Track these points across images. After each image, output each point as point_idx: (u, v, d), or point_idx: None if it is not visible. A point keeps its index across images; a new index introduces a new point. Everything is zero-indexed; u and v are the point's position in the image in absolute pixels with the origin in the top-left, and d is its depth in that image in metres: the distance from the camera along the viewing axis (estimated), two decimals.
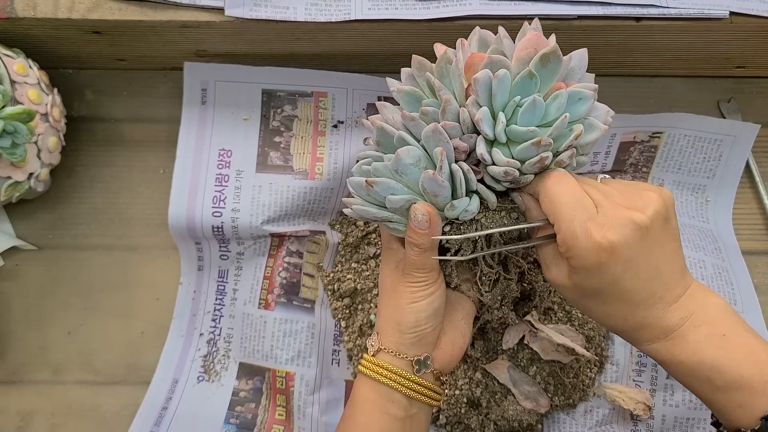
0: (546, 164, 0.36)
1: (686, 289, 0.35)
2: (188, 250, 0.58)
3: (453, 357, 0.40)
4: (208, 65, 0.58)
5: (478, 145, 0.36)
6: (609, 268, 0.34)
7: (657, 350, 0.35)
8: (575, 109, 0.36)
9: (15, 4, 0.51)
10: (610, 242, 0.33)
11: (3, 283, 0.59)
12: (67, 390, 0.57)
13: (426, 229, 0.37)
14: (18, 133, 0.50)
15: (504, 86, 0.36)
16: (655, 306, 0.35)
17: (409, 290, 0.39)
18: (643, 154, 0.61)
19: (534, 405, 0.52)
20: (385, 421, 0.38)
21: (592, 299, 0.36)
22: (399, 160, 0.37)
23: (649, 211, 0.34)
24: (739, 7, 0.53)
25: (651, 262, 0.34)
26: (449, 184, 0.36)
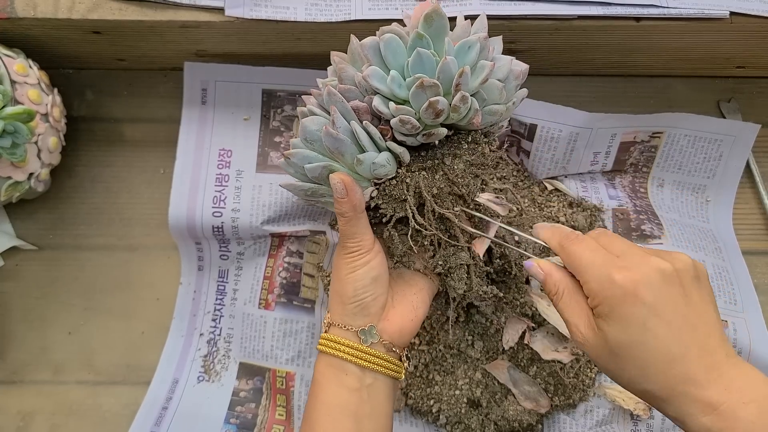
0: (439, 109, 0.36)
1: (728, 357, 0.33)
2: (188, 250, 0.58)
3: (403, 330, 0.41)
4: (208, 65, 0.58)
5: (375, 100, 0.37)
6: (634, 310, 0.33)
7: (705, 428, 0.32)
8: (466, 57, 0.37)
9: (15, 4, 0.51)
10: (632, 281, 0.33)
11: (3, 283, 0.59)
12: (67, 390, 0.57)
13: (344, 196, 0.38)
14: (18, 133, 0.50)
15: (391, 47, 0.37)
16: (692, 364, 0.32)
17: (345, 261, 0.40)
18: (643, 154, 0.61)
19: (534, 405, 0.52)
20: (342, 393, 0.39)
21: (624, 355, 0.34)
22: (305, 128, 0.39)
23: (677, 264, 0.34)
24: (739, 7, 0.53)
25: (683, 313, 0.33)
26: (349, 140, 0.37)
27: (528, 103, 0.57)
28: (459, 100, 0.36)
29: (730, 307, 0.57)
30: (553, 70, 0.62)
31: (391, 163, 0.39)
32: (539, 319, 0.54)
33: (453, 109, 0.37)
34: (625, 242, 0.37)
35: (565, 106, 0.57)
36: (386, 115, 0.37)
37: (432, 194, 0.39)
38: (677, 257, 0.35)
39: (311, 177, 0.40)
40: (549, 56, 0.59)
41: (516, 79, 0.40)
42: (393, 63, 0.38)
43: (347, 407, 0.39)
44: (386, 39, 0.37)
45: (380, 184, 0.40)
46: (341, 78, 0.39)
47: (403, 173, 0.39)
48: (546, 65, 0.61)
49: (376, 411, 0.40)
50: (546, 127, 0.57)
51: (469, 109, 0.38)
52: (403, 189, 0.39)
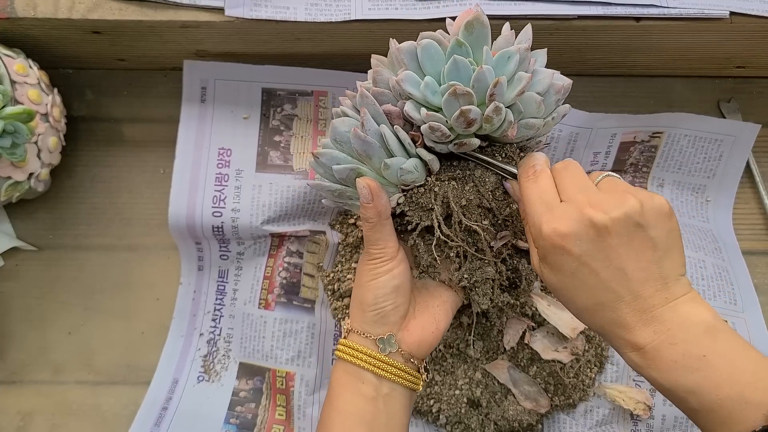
0: (471, 118, 0.36)
1: (667, 301, 0.33)
2: (188, 250, 0.58)
3: (422, 342, 0.40)
4: (208, 63, 0.58)
5: (407, 105, 0.37)
6: (563, 260, 0.34)
7: (633, 361, 0.34)
8: (504, 68, 0.37)
9: (15, 4, 0.51)
10: (558, 234, 0.34)
11: (3, 283, 0.59)
12: (67, 390, 0.57)
13: (369, 201, 0.38)
14: (18, 133, 0.50)
15: (429, 53, 0.37)
16: (621, 310, 0.34)
17: (368, 267, 0.40)
18: (644, 154, 0.61)
19: (534, 405, 0.52)
20: (358, 401, 0.39)
21: (561, 294, 0.36)
22: (335, 129, 0.38)
23: (615, 213, 0.33)
24: (739, 7, 0.53)
25: (613, 264, 0.33)
26: (378, 143, 0.37)
27: None
28: (492, 111, 0.36)
29: (730, 307, 0.57)
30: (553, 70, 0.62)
31: (419, 170, 0.38)
32: (539, 319, 0.54)
33: (486, 119, 0.36)
34: (577, 182, 0.36)
35: None
36: (417, 121, 0.37)
37: (460, 205, 0.39)
38: (622, 203, 0.33)
39: (339, 178, 0.39)
40: (549, 56, 0.59)
41: (557, 94, 0.39)
42: (430, 69, 0.37)
43: (362, 416, 0.38)
44: (424, 44, 0.37)
45: (408, 191, 0.39)
46: (376, 80, 0.38)
47: (431, 181, 0.39)
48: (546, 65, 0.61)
49: (391, 421, 0.39)
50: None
51: (503, 120, 0.37)
52: (430, 197, 0.38)
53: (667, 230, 0.34)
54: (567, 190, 0.36)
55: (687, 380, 0.32)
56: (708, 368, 0.32)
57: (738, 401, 0.31)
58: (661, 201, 0.34)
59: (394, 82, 0.37)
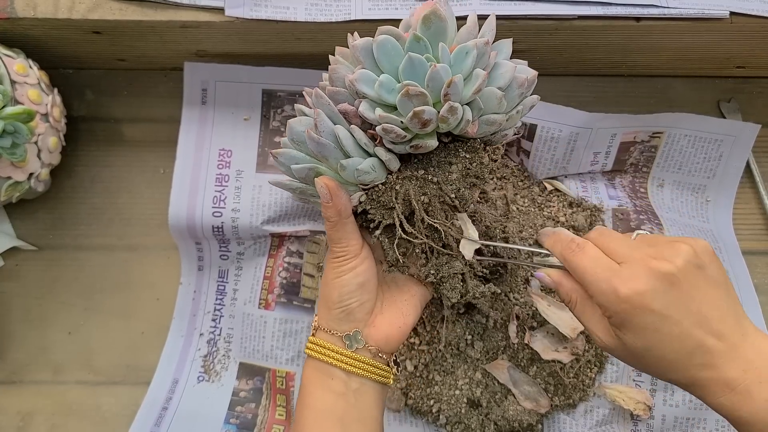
0: (425, 119, 0.35)
1: (745, 337, 0.34)
2: (188, 250, 0.58)
3: (390, 337, 0.41)
4: (208, 65, 0.58)
5: (362, 105, 0.36)
6: (645, 319, 0.34)
7: (722, 406, 0.34)
8: (461, 63, 0.36)
9: (15, 4, 0.51)
10: (636, 292, 0.34)
11: (3, 283, 0.59)
12: (67, 390, 0.57)
13: (328, 201, 0.37)
14: (18, 133, 0.50)
15: (385, 50, 0.36)
16: (710, 354, 0.34)
17: (332, 265, 0.40)
18: (644, 154, 0.61)
19: (534, 405, 0.52)
20: (328, 397, 0.39)
21: (645, 357, 0.36)
22: (291, 128, 0.38)
23: (678, 261, 0.34)
24: (739, 7, 0.53)
25: (692, 309, 0.34)
26: (333, 144, 0.36)
27: None
28: (447, 111, 0.35)
29: None
30: (553, 70, 0.62)
31: (377, 170, 0.37)
32: (539, 319, 0.54)
33: (441, 119, 0.35)
34: (624, 242, 0.37)
35: (565, 106, 0.57)
36: (372, 121, 0.36)
37: (422, 203, 0.38)
38: (677, 251, 0.35)
39: (298, 177, 0.39)
40: (549, 56, 0.59)
41: (519, 87, 0.38)
42: (387, 66, 0.36)
43: (333, 412, 0.38)
44: (379, 41, 0.36)
45: (369, 189, 0.39)
46: (332, 79, 0.38)
47: (392, 180, 0.38)
48: (546, 65, 0.61)
49: (363, 415, 0.39)
50: (546, 127, 0.57)
51: (460, 120, 0.36)
52: (391, 196, 0.38)
53: (718, 267, 0.36)
54: (619, 251, 0.36)
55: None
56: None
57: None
58: (705, 242, 0.36)
59: (349, 81, 0.36)
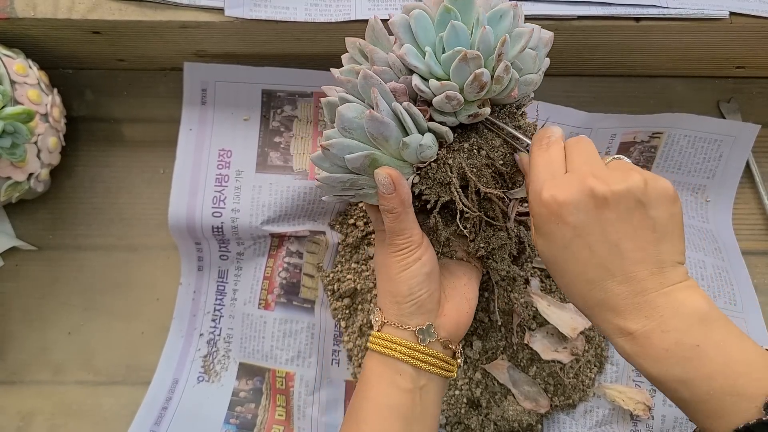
0: (483, 81, 0.35)
1: (662, 286, 0.32)
2: (188, 250, 0.58)
3: (459, 323, 0.40)
4: (208, 65, 0.58)
5: (414, 79, 0.36)
6: (556, 229, 0.33)
7: (622, 348, 0.33)
8: (499, 26, 0.36)
9: (15, 4, 0.51)
10: (556, 201, 0.33)
11: (3, 283, 0.59)
12: (67, 390, 0.57)
13: (392, 192, 0.36)
14: (18, 134, 0.50)
15: (421, 23, 0.36)
16: (611, 290, 0.32)
17: (396, 260, 0.39)
18: (643, 154, 0.61)
19: (534, 405, 0.52)
20: (394, 393, 0.38)
21: (553, 267, 0.35)
22: (342, 116, 0.36)
23: (618, 186, 0.32)
24: (739, 7, 0.53)
25: (609, 240, 0.32)
26: (394, 123, 0.36)
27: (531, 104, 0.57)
28: (503, 71, 0.35)
29: (729, 307, 0.57)
30: (553, 70, 0.62)
31: (435, 144, 0.37)
32: (540, 319, 0.54)
33: (496, 80, 0.35)
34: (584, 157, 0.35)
35: (565, 106, 0.57)
36: (426, 94, 0.36)
37: (474, 174, 0.38)
38: (625, 178, 0.32)
39: (352, 168, 0.37)
40: (549, 56, 0.59)
41: (545, 47, 0.39)
42: (424, 40, 0.36)
43: (398, 409, 0.37)
44: (416, 15, 0.36)
45: (422, 169, 0.38)
46: (373, 60, 0.37)
47: (443, 155, 0.38)
48: None
49: (426, 413, 0.39)
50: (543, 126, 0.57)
51: (510, 80, 0.36)
52: (446, 171, 0.37)
53: (669, 213, 0.33)
54: (574, 162, 0.35)
55: (678, 370, 0.31)
56: (701, 358, 0.30)
57: (731, 393, 0.29)
58: (666, 183, 0.33)
59: (394, 57, 0.36)
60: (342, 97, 0.38)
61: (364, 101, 0.37)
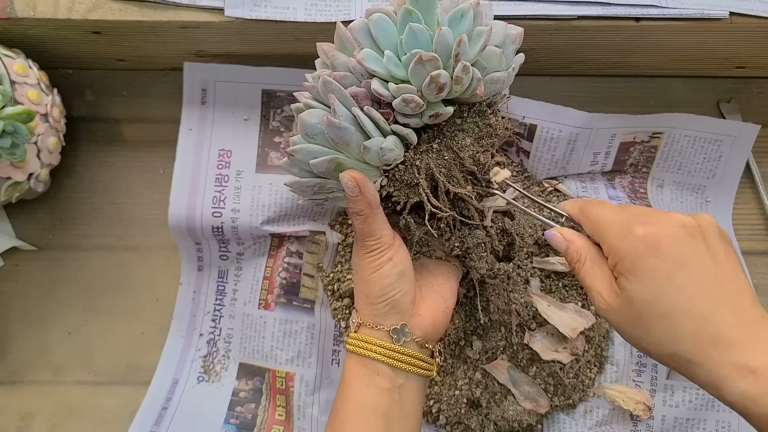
0: (441, 83, 0.35)
1: (763, 318, 0.30)
2: (188, 250, 0.58)
3: (436, 323, 0.40)
4: (208, 65, 0.58)
5: (373, 83, 0.36)
6: (657, 264, 0.31)
7: (742, 393, 0.29)
8: (459, 27, 0.36)
9: (15, 4, 0.51)
10: (654, 234, 0.32)
11: (3, 283, 0.59)
12: (67, 390, 0.57)
13: (357, 194, 0.37)
14: (18, 134, 0.50)
15: (382, 26, 0.36)
16: (722, 323, 0.30)
17: (368, 261, 0.39)
18: (643, 155, 0.61)
19: (534, 405, 0.52)
20: (373, 393, 0.38)
21: (650, 314, 0.32)
22: (304, 122, 0.37)
23: (701, 221, 0.32)
24: (739, 7, 0.53)
25: (707, 267, 0.31)
26: (353, 127, 0.36)
27: (528, 103, 0.57)
28: (461, 71, 0.35)
29: None
30: (553, 70, 0.62)
31: (398, 147, 0.37)
32: (540, 319, 0.54)
33: (455, 81, 0.36)
34: (646, 207, 0.36)
35: (565, 106, 0.57)
36: (386, 97, 0.36)
37: (444, 174, 0.38)
38: (701, 215, 0.33)
39: (318, 172, 0.38)
40: (549, 56, 0.59)
41: (513, 43, 0.39)
42: (385, 43, 0.37)
43: (378, 408, 0.38)
44: (375, 19, 0.36)
45: (389, 171, 0.38)
46: (334, 65, 0.38)
47: (410, 156, 0.38)
48: (546, 65, 0.61)
49: (406, 412, 0.39)
50: (546, 127, 0.57)
51: (471, 79, 0.36)
52: (413, 172, 0.38)
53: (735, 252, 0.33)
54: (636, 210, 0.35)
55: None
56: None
57: None
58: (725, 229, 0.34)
59: (354, 62, 0.36)
60: (307, 103, 0.38)
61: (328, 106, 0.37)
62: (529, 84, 0.61)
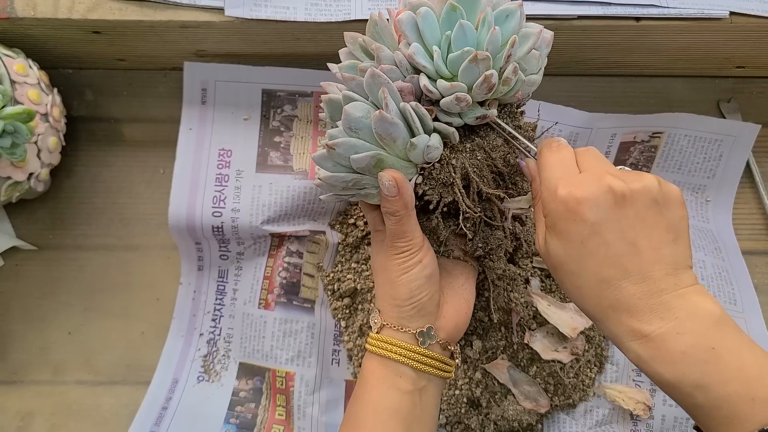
0: (492, 83, 0.35)
1: (676, 288, 0.31)
2: (188, 250, 0.58)
3: (458, 324, 0.40)
4: (208, 65, 0.58)
5: (421, 79, 0.36)
6: (573, 227, 0.32)
7: (634, 353, 0.32)
8: (506, 26, 0.36)
9: (15, 4, 0.51)
10: (574, 198, 0.32)
11: (3, 283, 0.59)
12: (67, 390, 0.57)
13: (395, 195, 0.36)
14: (18, 133, 0.50)
15: (429, 21, 0.36)
16: (627, 290, 0.32)
17: (397, 262, 0.38)
18: (643, 154, 0.61)
19: (534, 405, 0.52)
20: (394, 395, 0.38)
21: (565, 267, 0.34)
22: (348, 116, 0.36)
23: (635, 185, 0.32)
24: (739, 7, 0.53)
25: (627, 238, 0.32)
26: (401, 123, 0.35)
27: (528, 103, 0.57)
28: (511, 72, 0.35)
29: (729, 307, 0.57)
30: (553, 70, 0.62)
31: (441, 146, 0.37)
32: (540, 319, 0.54)
33: (504, 81, 0.35)
34: (597, 159, 0.35)
35: (565, 106, 0.57)
36: (435, 94, 0.36)
37: (476, 174, 0.38)
38: (641, 178, 0.33)
39: (357, 168, 0.37)
40: (549, 56, 0.59)
41: (547, 47, 0.39)
42: (431, 39, 0.36)
43: (398, 411, 0.37)
44: (424, 13, 0.35)
45: (425, 170, 0.38)
46: (380, 58, 0.37)
47: (446, 155, 0.38)
48: (546, 65, 0.61)
49: (425, 414, 0.39)
50: (546, 127, 0.57)
51: (517, 81, 0.36)
52: (449, 171, 0.37)
53: (680, 215, 0.33)
54: (588, 162, 0.35)
55: (694, 373, 0.30)
56: (717, 361, 0.30)
57: (745, 397, 0.29)
58: (675, 187, 0.34)
59: (400, 56, 0.36)
60: (346, 95, 0.37)
61: (368, 99, 0.37)
62: None
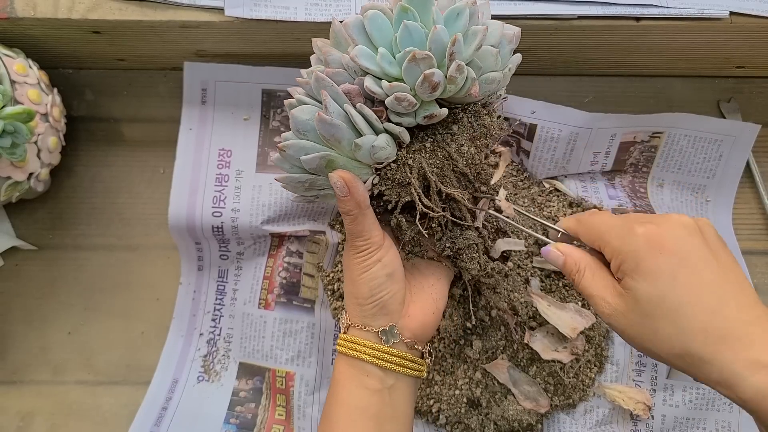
0: (435, 82, 0.35)
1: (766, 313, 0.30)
2: (188, 250, 0.58)
3: (425, 324, 0.40)
4: (208, 65, 0.58)
5: (366, 80, 0.36)
6: (661, 261, 0.32)
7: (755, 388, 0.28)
8: (455, 25, 0.36)
9: (15, 4, 0.51)
10: (656, 232, 0.32)
11: (3, 283, 0.59)
12: (67, 390, 0.57)
13: (346, 195, 0.36)
14: (18, 133, 0.50)
15: (377, 24, 0.36)
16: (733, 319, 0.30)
17: (356, 261, 0.39)
18: (643, 154, 0.61)
19: (534, 405, 0.52)
20: (363, 394, 0.38)
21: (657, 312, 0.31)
22: (295, 119, 0.36)
23: (700, 221, 0.33)
24: (739, 7, 0.53)
25: (710, 264, 0.31)
26: (345, 124, 0.36)
27: (528, 103, 0.57)
28: (455, 70, 0.35)
29: None
30: (553, 70, 0.62)
31: (390, 145, 0.37)
32: (540, 319, 0.54)
33: (449, 80, 0.35)
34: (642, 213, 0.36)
35: (565, 106, 0.57)
36: (379, 95, 0.36)
37: (436, 174, 0.38)
38: (699, 218, 0.34)
39: (309, 168, 0.38)
40: (549, 56, 0.59)
41: (510, 43, 0.38)
42: (380, 40, 0.36)
43: (368, 409, 0.38)
44: (370, 15, 0.36)
45: (381, 170, 0.38)
46: (327, 62, 0.37)
47: (403, 155, 0.38)
48: (546, 65, 0.61)
49: (397, 412, 0.39)
50: (546, 127, 0.57)
51: (466, 79, 0.36)
52: (405, 171, 0.37)
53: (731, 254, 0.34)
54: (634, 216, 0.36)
55: None
56: None
57: None
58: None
59: (348, 59, 0.36)
60: (299, 99, 0.38)
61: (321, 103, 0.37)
62: (529, 84, 0.61)
